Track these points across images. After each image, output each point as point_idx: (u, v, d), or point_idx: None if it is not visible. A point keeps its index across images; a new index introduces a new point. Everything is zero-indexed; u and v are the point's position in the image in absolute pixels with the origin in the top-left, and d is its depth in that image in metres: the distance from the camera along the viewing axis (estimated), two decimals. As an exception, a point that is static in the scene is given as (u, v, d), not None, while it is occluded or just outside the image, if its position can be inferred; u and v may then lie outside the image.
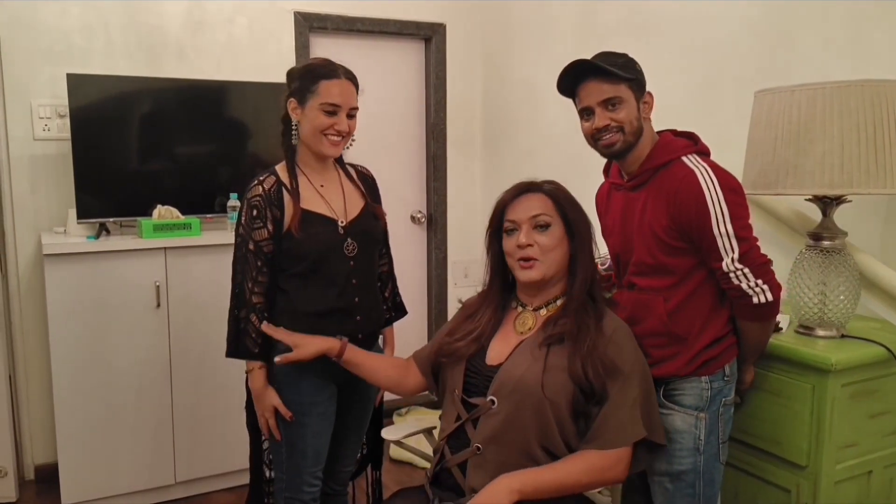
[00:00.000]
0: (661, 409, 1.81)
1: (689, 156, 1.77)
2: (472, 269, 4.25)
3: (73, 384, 2.91)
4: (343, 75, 2.03)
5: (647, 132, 1.82)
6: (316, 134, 2.01)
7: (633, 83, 1.77)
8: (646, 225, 1.79)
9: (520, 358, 1.71)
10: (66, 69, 3.11)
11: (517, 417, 1.65)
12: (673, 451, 1.80)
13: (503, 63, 3.97)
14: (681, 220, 1.73)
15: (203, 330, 3.06)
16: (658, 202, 1.77)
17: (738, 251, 1.70)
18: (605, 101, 1.77)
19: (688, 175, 1.72)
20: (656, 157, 1.80)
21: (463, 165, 4.19)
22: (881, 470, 1.95)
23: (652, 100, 1.82)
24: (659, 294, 1.80)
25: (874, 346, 1.88)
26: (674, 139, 1.84)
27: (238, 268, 2.05)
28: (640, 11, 3.02)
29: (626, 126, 1.77)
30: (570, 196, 1.79)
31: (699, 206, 1.69)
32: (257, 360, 2.03)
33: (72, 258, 2.87)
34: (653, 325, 1.81)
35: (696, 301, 1.79)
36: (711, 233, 1.70)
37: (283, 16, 3.64)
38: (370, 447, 2.39)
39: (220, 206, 3.30)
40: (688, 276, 1.78)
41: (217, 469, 3.18)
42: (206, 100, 3.31)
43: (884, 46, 2.13)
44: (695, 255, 1.76)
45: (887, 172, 1.81)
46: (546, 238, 1.72)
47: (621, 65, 1.76)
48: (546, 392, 1.64)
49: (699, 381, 1.80)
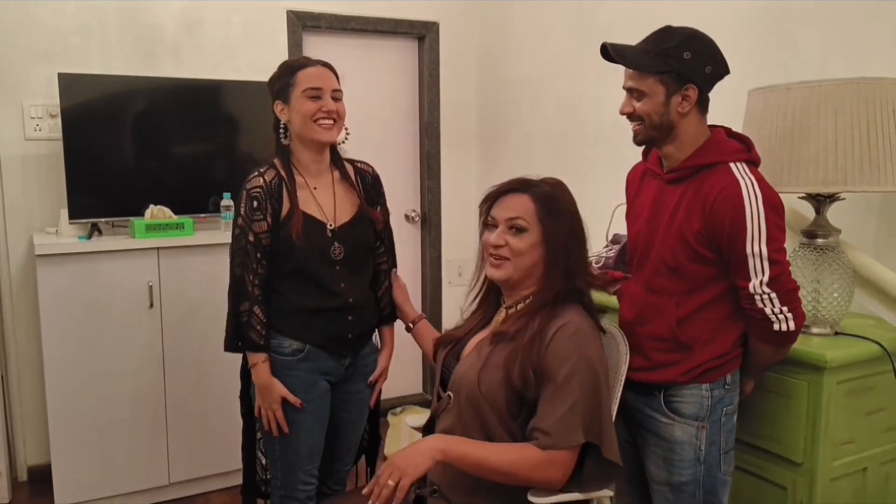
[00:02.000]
0: (662, 418, 1.78)
1: (739, 163, 1.67)
2: (467, 267, 4.25)
3: (65, 385, 2.89)
4: (318, 63, 2.07)
5: (687, 127, 1.71)
6: (307, 122, 2.01)
7: (666, 75, 1.67)
8: (676, 224, 1.72)
9: (471, 354, 1.72)
10: (60, 68, 3.09)
11: (463, 413, 1.66)
12: (673, 462, 1.77)
13: (497, 62, 3.97)
14: (714, 229, 1.65)
15: (196, 330, 3.04)
16: (694, 204, 1.68)
17: (768, 274, 1.62)
18: (630, 90, 1.73)
19: (732, 184, 1.63)
20: (703, 156, 1.70)
21: (457, 164, 4.19)
22: (876, 467, 1.96)
23: (695, 93, 1.68)
24: (672, 298, 1.75)
25: (869, 343, 1.89)
26: (726, 140, 1.73)
27: (237, 260, 2.03)
28: (636, 11, 3.02)
29: (645, 119, 1.71)
30: (560, 203, 1.69)
31: (737, 220, 1.61)
32: (262, 353, 2.02)
33: (64, 259, 2.85)
34: (660, 328, 1.76)
35: (708, 312, 1.73)
36: (744, 250, 1.62)
37: (278, 15, 3.63)
38: (370, 443, 2.37)
39: (214, 206, 3.29)
40: (705, 286, 1.72)
41: (212, 469, 3.17)
42: (199, 99, 3.30)
43: (882, 45, 2.13)
44: (718, 266, 1.70)
45: (881, 170, 1.81)
46: (518, 241, 1.67)
47: (659, 52, 1.66)
48: (481, 388, 1.62)
49: (699, 388, 1.75)
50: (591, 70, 3.29)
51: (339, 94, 2.07)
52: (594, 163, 3.30)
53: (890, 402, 1.93)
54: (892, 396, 1.92)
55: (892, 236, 2.15)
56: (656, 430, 1.79)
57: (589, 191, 1.96)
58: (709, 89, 1.71)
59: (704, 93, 1.70)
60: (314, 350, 2.06)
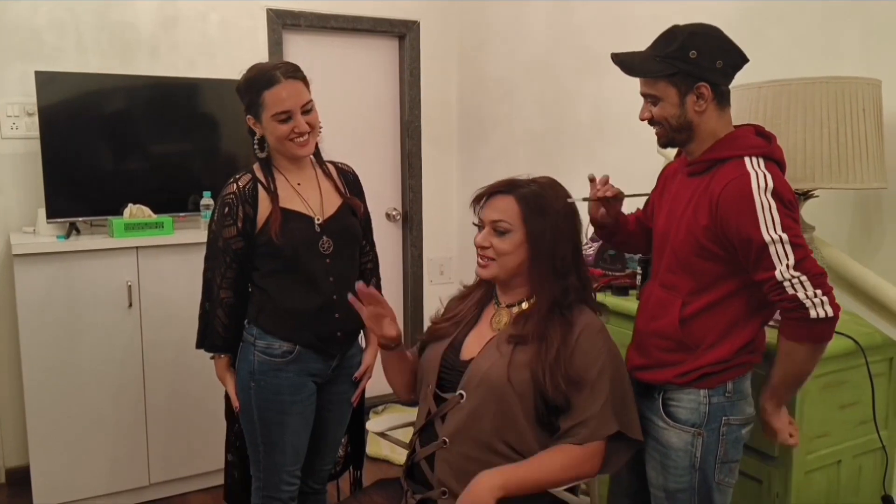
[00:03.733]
0: (659, 422, 1.74)
1: (755, 157, 1.61)
2: (448, 266, 4.26)
3: (44, 385, 2.87)
4: (284, 77, 1.97)
5: (707, 124, 1.67)
6: (281, 142, 2.01)
7: (675, 77, 1.64)
8: (687, 217, 1.68)
9: (489, 352, 1.72)
10: (36, 67, 3.06)
11: (481, 411, 1.66)
12: (668, 468, 1.74)
13: (478, 60, 3.98)
14: (721, 222, 1.59)
15: (176, 329, 3.03)
16: (703, 198, 1.64)
17: (793, 258, 1.53)
18: (645, 96, 1.71)
19: (742, 176, 1.58)
20: (719, 150, 1.66)
21: (438, 163, 4.19)
22: (850, 459, 1.99)
23: (708, 91, 1.63)
24: (679, 296, 1.70)
25: (843, 338, 1.90)
26: (745, 135, 1.68)
27: (209, 263, 2.10)
28: (613, 11, 3.04)
29: (663, 122, 1.69)
30: (546, 202, 1.70)
31: (744, 211, 1.55)
32: (220, 353, 2.11)
33: (42, 258, 2.83)
34: (664, 326, 1.72)
35: (715, 314, 1.67)
36: (762, 239, 1.54)
37: (256, 13, 3.61)
38: (353, 447, 2.38)
39: (194, 205, 3.27)
40: (713, 286, 1.66)
41: (192, 470, 3.15)
42: (178, 97, 3.28)
43: (850, 45, 2.17)
44: (726, 264, 1.64)
45: (850, 168, 1.84)
46: (502, 243, 1.70)
47: (665, 56, 1.64)
48: (513, 385, 1.64)
49: (696, 393, 1.69)
50: (568, 68, 3.31)
51: (310, 104, 2.02)
52: (574, 161, 3.32)
53: (863, 396, 1.96)
54: (865, 390, 1.95)
55: (864, 233, 2.18)
56: (654, 433, 1.76)
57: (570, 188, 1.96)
58: (726, 82, 1.67)
59: (721, 87, 1.66)
60: (304, 351, 2.07)
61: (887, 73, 1.98)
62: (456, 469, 1.65)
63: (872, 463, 2.04)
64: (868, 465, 2.04)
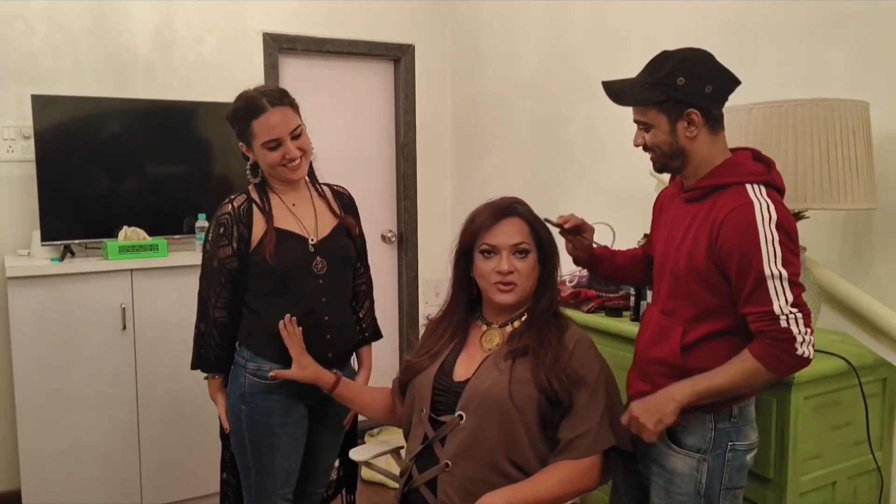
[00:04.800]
0: (664, 447, 1.70)
1: (756, 185, 1.59)
2: (444, 287, 4.22)
3: (37, 408, 2.85)
4: (270, 105, 1.97)
5: (700, 150, 1.66)
6: (273, 168, 2.02)
7: (664, 104, 1.63)
8: (687, 244, 1.65)
9: (486, 372, 1.72)
10: (32, 90, 3.08)
11: (484, 430, 1.66)
12: (672, 493, 1.71)
13: (472, 83, 4.01)
14: (722, 251, 1.57)
15: (170, 352, 3.02)
16: (704, 225, 1.62)
17: (791, 297, 1.52)
18: (638, 123, 1.70)
19: (746, 205, 1.55)
20: (718, 177, 1.64)
21: (434, 184, 4.21)
22: (845, 481, 1.98)
23: (699, 117, 1.62)
24: (680, 324, 1.67)
25: (835, 359, 1.91)
26: (745, 162, 1.66)
27: (204, 283, 2.10)
28: (605, 32, 3.07)
29: (655, 149, 1.68)
30: (540, 220, 1.82)
31: (748, 241, 1.53)
32: (214, 373, 2.12)
33: (36, 281, 2.83)
34: (665, 353, 1.68)
35: (717, 344, 1.64)
36: (762, 271, 1.52)
37: (253, 37, 3.65)
38: (345, 470, 2.37)
39: (189, 227, 3.28)
40: (714, 315, 1.63)
41: (185, 494, 3.12)
42: (174, 120, 3.30)
43: (839, 67, 2.19)
44: (726, 295, 1.61)
45: (840, 188, 1.85)
46: (524, 265, 1.76)
47: (654, 83, 1.64)
48: (515, 401, 1.66)
49: (703, 418, 1.66)
50: (561, 90, 3.34)
51: (299, 129, 2.02)
52: (567, 181, 3.34)
53: (856, 417, 1.96)
54: (859, 411, 1.95)
55: (855, 253, 2.19)
56: (659, 459, 1.73)
57: (562, 209, 1.99)
58: (718, 106, 1.66)
59: (712, 111, 1.65)
60: None
61: (875, 94, 2.00)
62: (461, 491, 1.65)
63: (868, 484, 2.03)
64: (863, 487, 2.03)
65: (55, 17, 3.21)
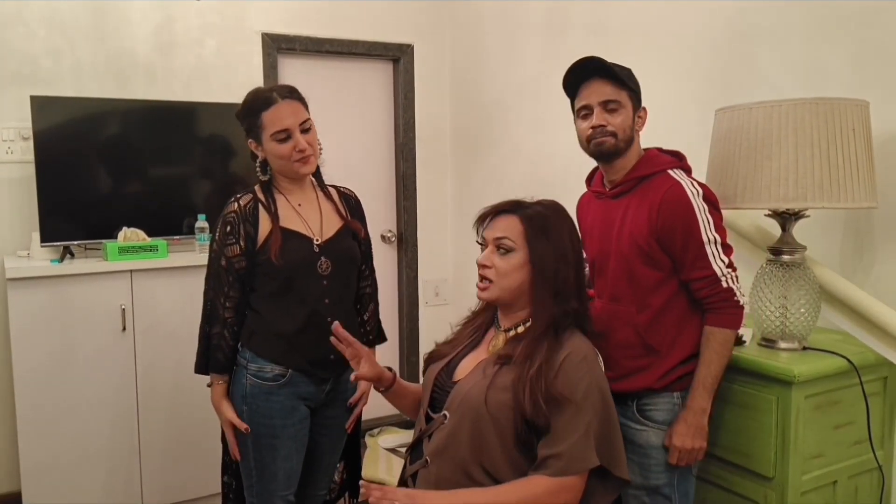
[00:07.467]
0: (636, 425, 1.87)
1: (674, 170, 1.85)
2: (444, 287, 4.26)
3: (37, 410, 2.85)
4: (281, 97, 2.00)
5: (636, 145, 1.90)
6: (283, 161, 2.02)
7: (633, 94, 1.87)
8: (625, 233, 1.85)
9: (474, 374, 1.70)
10: (32, 91, 3.08)
11: (459, 432, 1.63)
12: (649, 466, 1.86)
13: (471, 83, 4.01)
14: (664, 228, 1.79)
15: (170, 353, 3.02)
16: (640, 211, 1.82)
17: (726, 257, 1.80)
18: (606, 102, 1.84)
19: (675, 185, 1.80)
20: (641, 169, 1.87)
21: (433, 185, 4.21)
22: (846, 480, 1.98)
23: (646, 115, 1.91)
24: (632, 305, 1.85)
25: (836, 357, 1.91)
26: (660, 154, 1.91)
27: (210, 284, 2.07)
28: (605, 35, 3.07)
29: (619, 132, 1.84)
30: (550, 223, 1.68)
31: (687, 214, 1.77)
32: (224, 375, 2.07)
33: (35, 282, 2.83)
34: (626, 335, 1.86)
35: (668, 314, 1.85)
36: (700, 239, 1.77)
37: (252, 37, 3.64)
38: (349, 473, 2.36)
39: (188, 228, 3.28)
40: (658, 288, 1.84)
41: (186, 496, 3.12)
42: (174, 121, 3.30)
43: (839, 66, 2.19)
44: (664, 270, 1.83)
45: (840, 187, 1.85)
46: (503, 262, 1.67)
47: (626, 75, 1.86)
48: (488, 407, 1.60)
49: (671, 396, 1.86)
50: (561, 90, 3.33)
51: (308, 123, 2.04)
52: (566, 183, 3.33)
53: (857, 416, 1.96)
54: (860, 410, 1.95)
55: (856, 253, 2.19)
56: (630, 437, 1.86)
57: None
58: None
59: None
60: (296, 375, 2.06)
61: (874, 94, 2.00)
62: (432, 489, 1.62)
63: (869, 483, 2.03)
64: (864, 486, 2.03)
65: (55, 19, 3.21)
